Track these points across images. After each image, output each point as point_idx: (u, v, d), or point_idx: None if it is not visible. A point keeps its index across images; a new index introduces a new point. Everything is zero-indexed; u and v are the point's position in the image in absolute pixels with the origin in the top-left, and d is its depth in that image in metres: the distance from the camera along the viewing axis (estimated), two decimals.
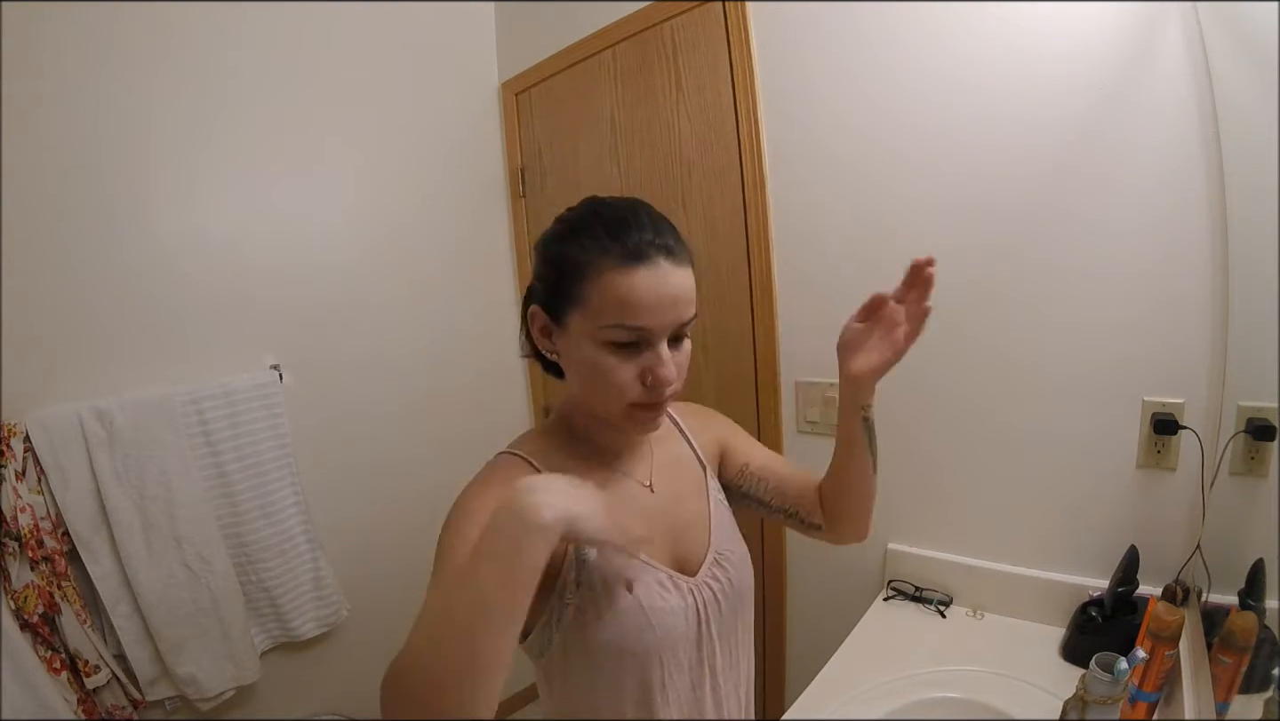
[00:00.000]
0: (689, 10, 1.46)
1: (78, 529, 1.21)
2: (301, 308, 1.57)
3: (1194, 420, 1.00)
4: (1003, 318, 1.16)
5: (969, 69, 1.12)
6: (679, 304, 0.61)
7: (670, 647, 0.67)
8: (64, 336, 1.25)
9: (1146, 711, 0.87)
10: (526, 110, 1.89)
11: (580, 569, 0.64)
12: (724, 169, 1.47)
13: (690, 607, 0.68)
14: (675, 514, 0.72)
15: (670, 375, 0.61)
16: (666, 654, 0.66)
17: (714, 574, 0.71)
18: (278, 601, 1.48)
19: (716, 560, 0.72)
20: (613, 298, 0.59)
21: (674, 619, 0.66)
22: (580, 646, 0.64)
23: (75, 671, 1.19)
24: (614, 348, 0.61)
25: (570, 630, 0.64)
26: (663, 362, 0.61)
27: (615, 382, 0.61)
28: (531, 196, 1.94)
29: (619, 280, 0.59)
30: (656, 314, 0.60)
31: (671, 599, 0.67)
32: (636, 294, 0.59)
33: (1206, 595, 0.94)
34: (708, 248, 1.53)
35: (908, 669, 1.06)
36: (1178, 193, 0.97)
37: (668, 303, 0.60)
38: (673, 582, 0.68)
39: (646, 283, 0.59)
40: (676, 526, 0.72)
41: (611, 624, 0.63)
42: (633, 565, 0.65)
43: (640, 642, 0.64)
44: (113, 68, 1.29)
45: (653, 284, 0.59)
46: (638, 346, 0.61)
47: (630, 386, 0.62)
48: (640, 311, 0.59)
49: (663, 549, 0.70)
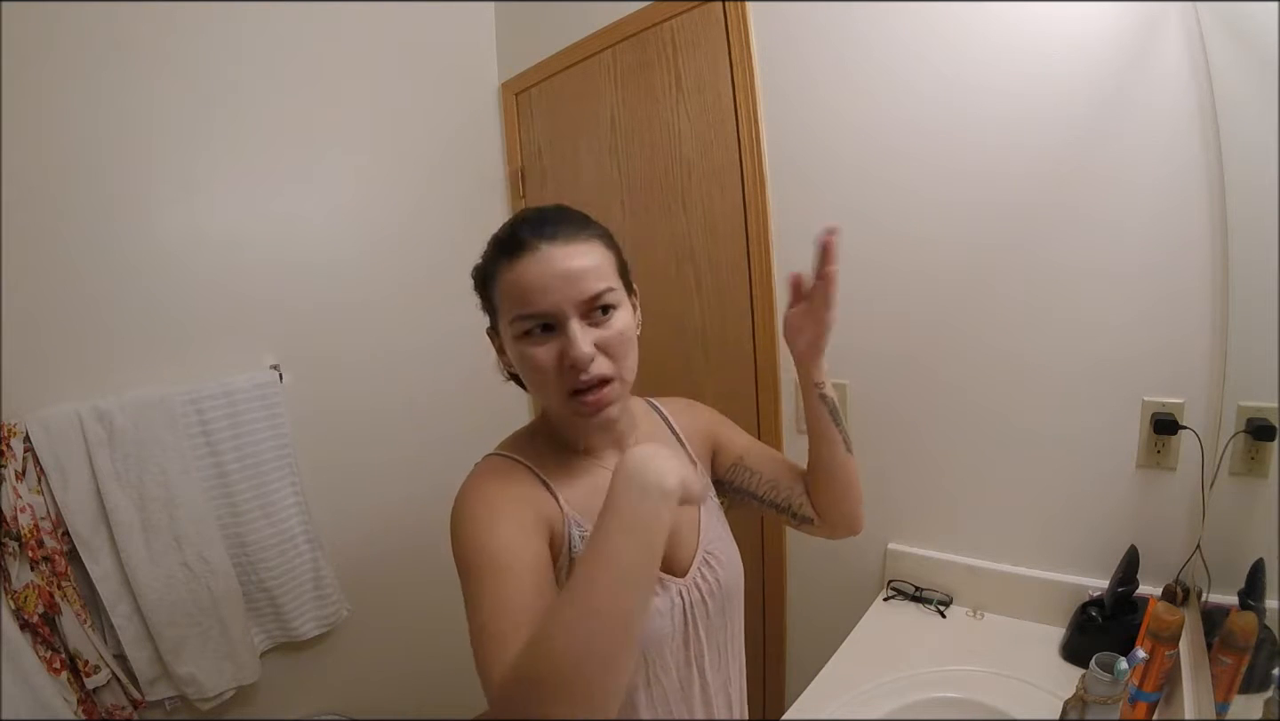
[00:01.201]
0: (689, 10, 1.46)
1: (78, 529, 1.21)
2: (301, 307, 1.57)
3: (1194, 420, 1.00)
4: (1002, 317, 1.16)
5: (969, 68, 1.12)
6: (572, 280, 0.61)
7: (656, 647, 0.67)
8: (64, 336, 1.25)
9: (1146, 711, 0.87)
10: (526, 110, 1.89)
11: (572, 559, 0.64)
12: (724, 169, 1.47)
13: (678, 608, 0.68)
14: None
15: (581, 354, 0.60)
16: (652, 653, 0.66)
17: (702, 574, 0.71)
18: (278, 601, 1.48)
19: (705, 560, 0.72)
20: (507, 293, 0.63)
21: (660, 620, 0.66)
22: None
23: (75, 671, 1.19)
24: (529, 340, 0.63)
25: None
26: (572, 343, 0.61)
27: (539, 372, 0.63)
28: (531, 196, 1.94)
29: (507, 275, 0.63)
30: (548, 295, 0.61)
31: (659, 600, 0.67)
32: (522, 282, 0.61)
33: (1206, 595, 0.94)
34: (708, 248, 1.53)
35: (908, 669, 1.06)
36: (1178, 193, 0.97)
37: (557, 282, 0.61)
38: (661, 584, 0.68)
39: (529, 269, 0.61)
40: None
41: None
42: None
43: None
44: (113, 68, 1.29)
45: (536, 269, 0.61)
46: (551, 333, 0.62)
47: (554, 371, 0.62)
48: (529, 296, 0.61)
49: None
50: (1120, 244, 1.03)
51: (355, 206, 1.67)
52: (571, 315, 0.61)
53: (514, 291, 0.62)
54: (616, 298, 0.65)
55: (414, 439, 1.79)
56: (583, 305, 0.62)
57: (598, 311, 0.63)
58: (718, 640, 0.73)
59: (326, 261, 1.62)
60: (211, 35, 1.42)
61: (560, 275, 0.61)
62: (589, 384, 0.62)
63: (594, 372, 0.62)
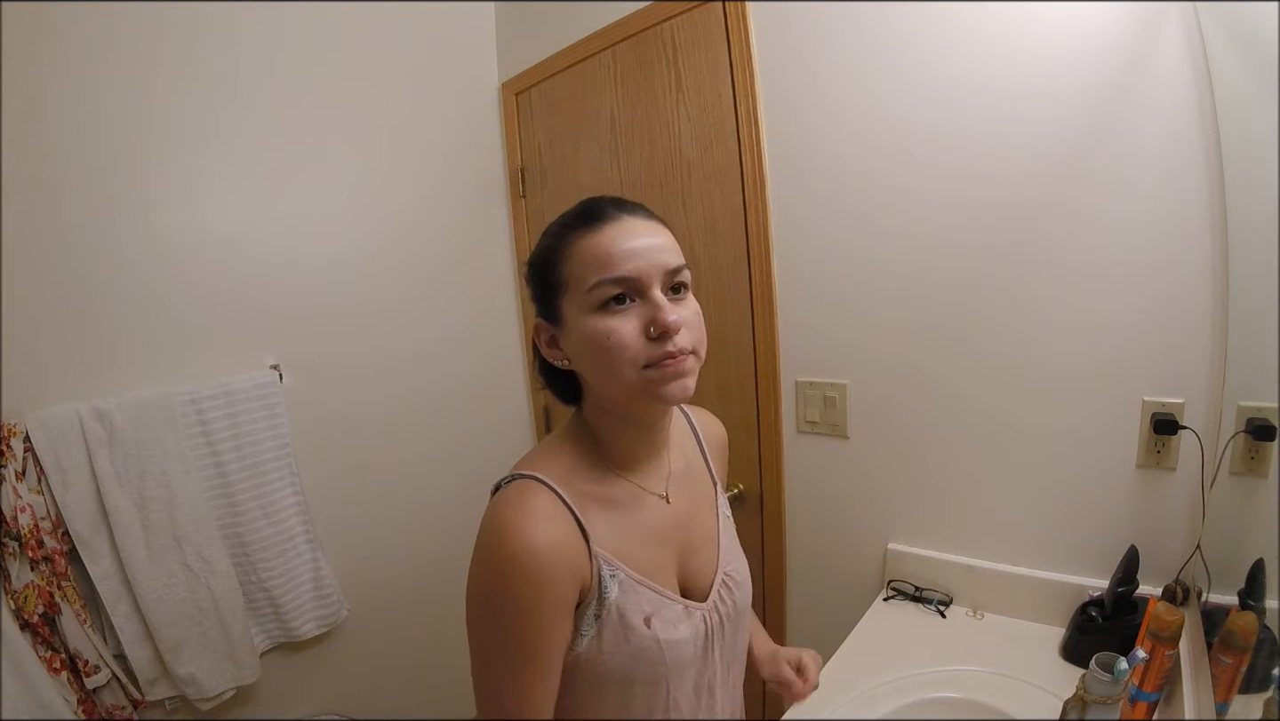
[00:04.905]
0: (689, 10, 1.46)
1: (78, 529, 1.21)
2: (301, 307, 1.57)
3: (1194, 420, 1.00)
4: (1002, 317, 1.16)
5: (969, 68, 1.12)
6: (658, 250, 0.60)
7: (678, 674, 0.66)
8: (64, 336, 1.25)
9: (1146, 711, 0.87)
10: (526, 110, 1.89)
11: (601, 605, 0.62)
12: (724, 169, 1.47)
13: (700, 635, 0.68)
14: (689, 529, 0.72)
15: (673, 319, 0.58)
16: (674, 680, 0.66)
17: (721, 596, 0.71)
18: (278, 601, 1.48)
19: (724, 582, 0.72)
20: (589, 260, 0.60)
21: (685, 649, 0.66)
22: (589, 671, 0.64)
23: (75, 671, 1.19)
24: (608, 309, 0.59)
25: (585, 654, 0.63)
26: (662, 308, 0.59)
27: (620, 344, 0.59)
28: (531, 196, 1.94)
29: (589, 242, 0.60)
30: (635, 259, 0.59)
31: (684, 629, 0.66)
32: (609, 247, 0.59)
33: (1206, 595, 0.94)
34: (708, 247, 1.53)
35: (908, 669, 1.06)
36: (1177, 193, 0.97)
37: (644, 250, 0.60)
38: (686, 613, 0.67)
39: (615, 235, 0.60)
40: (690, 542, 0.71)
41: (625, 654, 0.63)
42: (652, 599, 0.65)
43: (653, 673, 0.64)
44: (113, 68, 1.29)
45: (622, 235, 0.60)
46: (632, 302, 0.60)
47: (636, 344, 0.59)
48: (617, 260, 0.59)
49: (674, 565, 0.70)
50: (1120, 244, 1.03)
51: (355, 206, 1.67)
52: (655, 283, 0.60)
53: (594, 257, 0.59)
54: (690, 280, 0.64)
55: (414, 439, 1.79)
56: (666, 276, 0.60)
57: (677, 289, 0.62)
58: (729, 658, 0.74)
59: (327, 261, 1.62)
60: (212, 35, 1.41)
61: (646, 245, 0.60)
62: (673, 354, 0.59)
63: (679, 343, 0.59)
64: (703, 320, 0.64)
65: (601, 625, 0.62)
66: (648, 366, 0.59)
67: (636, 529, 0.67)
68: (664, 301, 0.59)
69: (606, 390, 0.64)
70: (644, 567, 0.65)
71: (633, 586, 0.64)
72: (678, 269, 0.61)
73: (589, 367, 0.63)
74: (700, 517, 0.74)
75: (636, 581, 0.64)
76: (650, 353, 0.59)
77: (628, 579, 0.64)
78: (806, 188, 1.36)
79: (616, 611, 0.62)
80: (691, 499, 0.74)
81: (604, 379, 0.62)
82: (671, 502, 0.71)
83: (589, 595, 0.62)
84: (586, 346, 0.61)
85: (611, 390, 0.63)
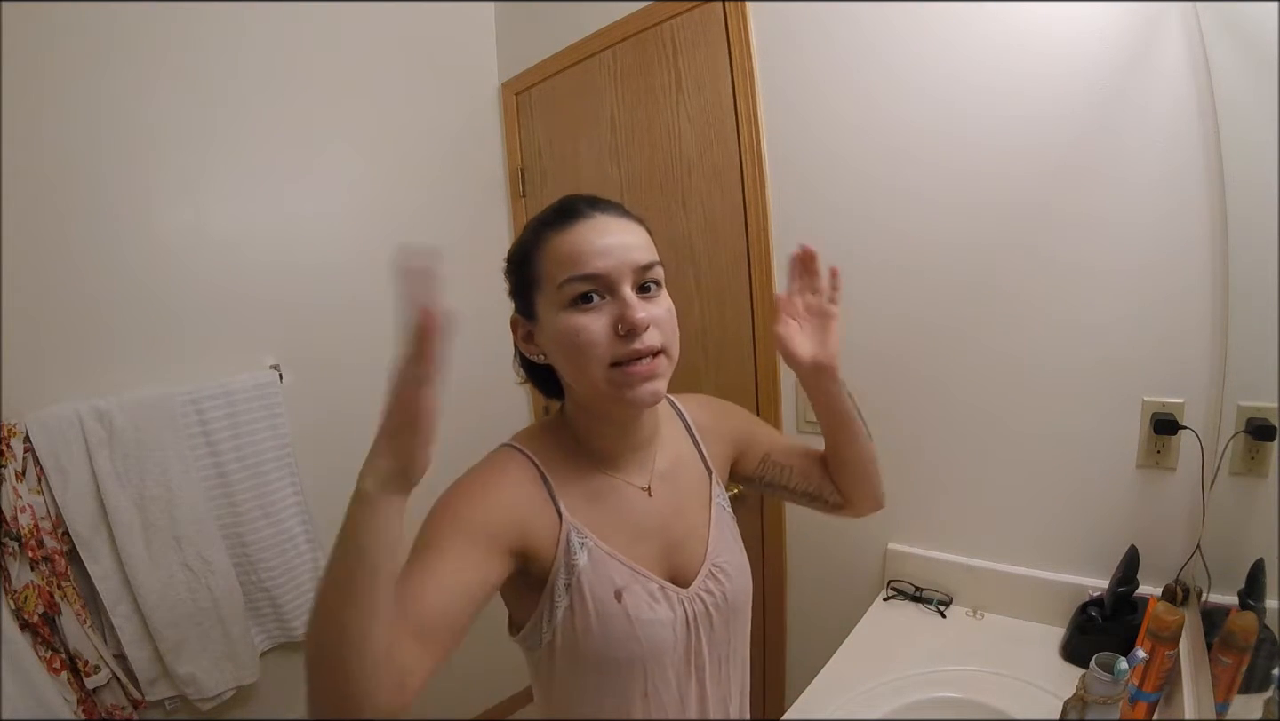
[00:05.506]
0: (689, 10, 1.46)
1: (78, 529, 1.21)
2: (301, 307, 1.57)
3: (1194, 420, 1.00)
4: (1003, 317, 1.16)
5: (969, 68, 1.12)
6: (628, 249, 0.61)
7: (656, 659, 0.66)
8: (64, 336, 1.25)
9: (1146, 711, 0.87)
10: (526, 110, 1.89)
11: (570, 574, 0.63)
12: (724, 169, 1.47)
13: (680, 620, 0.67)
14: (672, 523, 0.71)
15: (640, 317, 0.59)
16: (652, 664, 0.65)
17: (708, 586, 0.70)
18: (278, 601, 1.48)
19: (712, 572, 0.71)
20: (560, 257, 0.61)
21: (662, 630, 0.65)
22: (567, 649, 0.64)
23: (75, 671, 1.19)
24: (577, 306, 0.60)
25: (561, 629, 0.63)
26: (628, 305, 0.59)
27: (588, 341, 0.59)
28: (531, 196, 1.94)
29: (560, 240, 0.61)
30: (605, 257, 0.60)
31: (661, 610, 0.66)
32: (579, 244, 0.60)
33: (1206, 595, 0.94)
34: (708, 248, 1.53)
35: (908, 669, 1.06)
36: (1178, 192, 0.97)
37: (614, 247, 0.60)
38: (664, 593, 0.67)
39: (586, 233, 0.61)
40: (674, 535, 0.71)
41: (597, 631, 0.63)
42: (623, 573, 0.65)
43: (625, 651, 0.64)
44: (113, 68, 1.29)
45: (592, 233, 0.61)
46: (602, 300, 0.60)
47: (604, 340, 0.59)
48: (586, 258, 0.59)
49: (658, 558, 0.69)
50: (1120, 244, 1.03)
51: (355, 206, 1.67)
52: (625, 280, 0.60)
53: (566, 255, 0.60)
54: (663, 277, 0.64)
55: None
56: (636, 274, 0.61)
57: (647, 286, 0.62)
58: (721, 653, 0.72)
59: (326, 261, 1.62)
60: (212, 36, 1.41)
61: (616, 243, 0.61)
62: (640, 353, 0.60)
63: (647, 341, 0.60)
64: (675, 318, 0.65)
65: (573, 596, 0.63)
66: (615, 365, 0.60)
67: (614, 515, 0.67)
68: (633, 299, 0.60)
69: (578, 387, 0.65)
70: (620, 549, 0.66)
71: (603, 558, 0.64)
72: (648, 266, 0.62)
73: (561, 364, 0.65)
74: (688, 512, 0.73)
75: (607, 553, 0.65)
76: (618, 350, 0.60)
77: (597, 548, 0.64)
78: (806, 188, 1.36)
79: (586, 582, 0.63)
80: (678, 493, 0.73)
81: (575, 376, 0.63)
82: (655, 496, 0.71)
83: (551, 555, 0.63)
84: (558, 343, 0.62)
85: (582, 387, 0.64)
